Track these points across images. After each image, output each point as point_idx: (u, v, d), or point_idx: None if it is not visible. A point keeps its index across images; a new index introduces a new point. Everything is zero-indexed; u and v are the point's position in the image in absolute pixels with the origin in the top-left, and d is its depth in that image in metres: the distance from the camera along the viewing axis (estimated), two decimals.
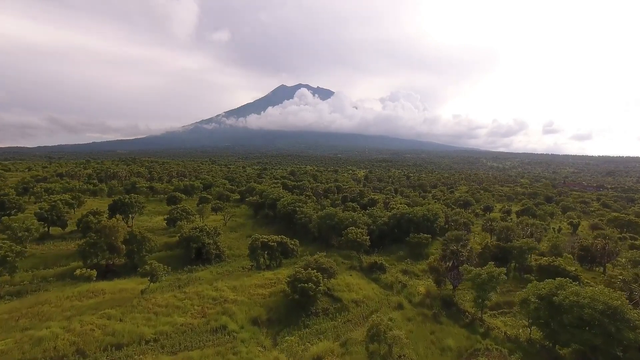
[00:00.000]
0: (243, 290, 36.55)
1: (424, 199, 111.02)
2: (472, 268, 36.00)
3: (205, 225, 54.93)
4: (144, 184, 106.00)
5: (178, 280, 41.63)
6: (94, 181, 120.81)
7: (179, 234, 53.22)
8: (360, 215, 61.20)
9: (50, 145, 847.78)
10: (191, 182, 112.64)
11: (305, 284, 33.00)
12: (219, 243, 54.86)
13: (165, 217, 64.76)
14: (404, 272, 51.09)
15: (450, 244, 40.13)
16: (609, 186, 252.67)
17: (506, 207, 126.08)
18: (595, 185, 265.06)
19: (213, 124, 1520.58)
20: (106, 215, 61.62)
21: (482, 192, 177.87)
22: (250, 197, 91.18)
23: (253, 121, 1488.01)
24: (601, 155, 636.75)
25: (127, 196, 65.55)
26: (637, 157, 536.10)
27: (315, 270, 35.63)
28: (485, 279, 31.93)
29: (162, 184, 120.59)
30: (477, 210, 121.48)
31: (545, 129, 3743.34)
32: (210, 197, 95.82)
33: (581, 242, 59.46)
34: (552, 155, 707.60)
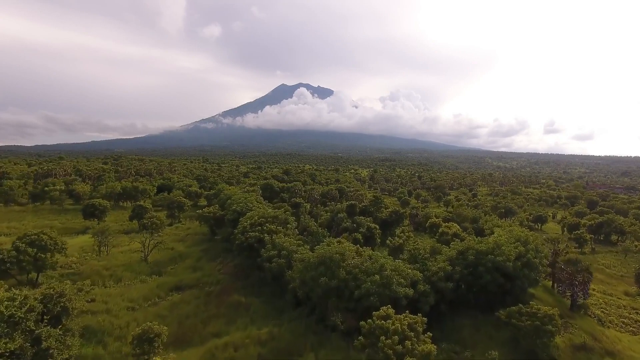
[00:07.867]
0: None
1: (475, 208, 78.37)
2: None
3: (20, 290, 22.35)
4: (60, 186, 73.06)
5: None
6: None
7: None
8: (399, 263, 27.67)
9: (49, 144, 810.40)
10: (134, 184, 79.99)
11: None
12: (66, 328, 22.24)
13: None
14: None
15: None
16: None
17: (566, 218, 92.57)
18: (621, 186, 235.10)
19: (212, 123, 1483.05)
20: None
21: (509, 194, 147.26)
22: (204, 209, 58.12)
23: (252, 120, 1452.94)
24: (608, 155, 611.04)
25: None
26: None
27: None
28: None
29: (89, 185, 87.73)
30: (525, 222, 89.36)
31: (546, 128, 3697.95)
32: (149, 207, 63.37)
33: None
34: (557, 155, 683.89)
